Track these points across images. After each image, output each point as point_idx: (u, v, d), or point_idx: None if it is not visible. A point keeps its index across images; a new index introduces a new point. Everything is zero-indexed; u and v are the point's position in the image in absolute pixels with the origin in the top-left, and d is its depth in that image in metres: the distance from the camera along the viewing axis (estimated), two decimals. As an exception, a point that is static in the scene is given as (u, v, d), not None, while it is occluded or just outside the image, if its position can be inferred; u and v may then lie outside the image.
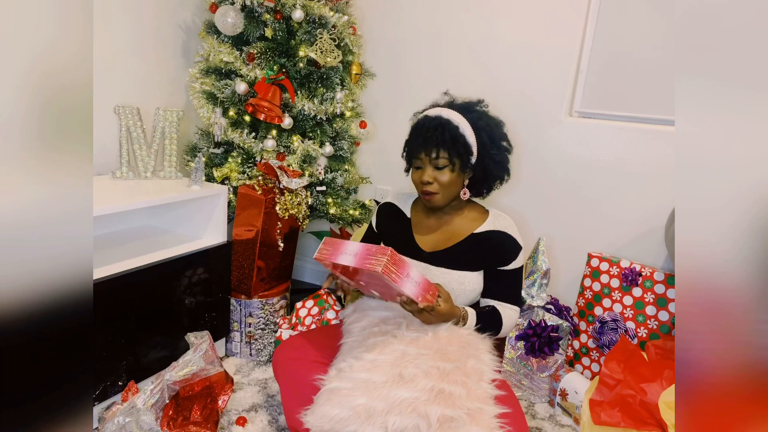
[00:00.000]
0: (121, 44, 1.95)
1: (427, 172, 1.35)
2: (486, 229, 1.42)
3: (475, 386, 1.17)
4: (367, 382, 1.15)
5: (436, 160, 1.34)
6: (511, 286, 1.43)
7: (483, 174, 1.41)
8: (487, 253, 1.40)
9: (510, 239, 1.41)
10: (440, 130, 1.32)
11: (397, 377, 1.15)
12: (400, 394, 1.11)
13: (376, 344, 1.25)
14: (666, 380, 1.44)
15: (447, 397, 1.11)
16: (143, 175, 1.85)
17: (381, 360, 1.20)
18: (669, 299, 1.74)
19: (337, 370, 1.22)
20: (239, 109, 1.98)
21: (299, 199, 1.94)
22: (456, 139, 1.33)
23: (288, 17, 1.92)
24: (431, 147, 1.33)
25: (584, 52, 2.05)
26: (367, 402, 1.11)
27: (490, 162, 1.39)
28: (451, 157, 1.33)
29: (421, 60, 2.34)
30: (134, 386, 1.40)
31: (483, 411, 1.12)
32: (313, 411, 1.15)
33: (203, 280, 1.77)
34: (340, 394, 1.14)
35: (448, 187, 1.36)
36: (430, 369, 1.16)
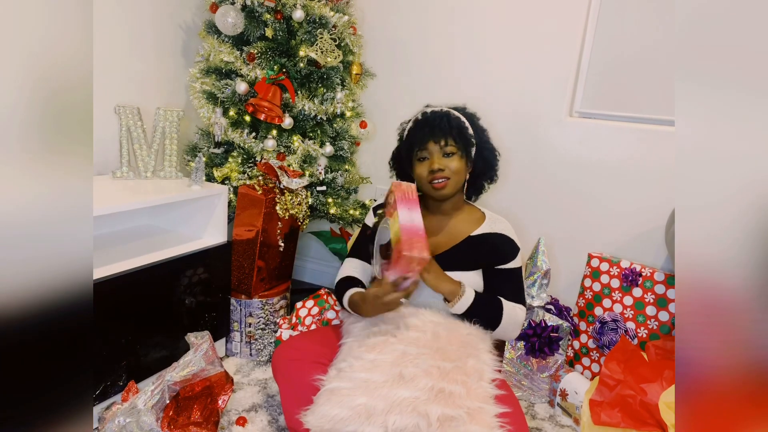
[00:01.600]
0: (121, 44, 1.95)
1: (436, 160, 1.35)
2: (483, 232, 1.43)
3: (475, 385, 1.17)
4: (368, 382, 1.15)
5: (445, 147, 1.35)
6: (512, 283, 1.42)
7: (483, 166, 1.44)
8: (485, 254, 1.41)
9: (507, 240, 1.42)
10: (446, 119, 1.36)
11: (398, 377, 1.15)
12: (400, 394, 1.11)
13: (376, 344, 1.24)
14: (666, 380, 1.44)
15: (447, 396, 1.12)
16: (143, 175, 1.85)
17: (381, 360, 1.20)
18: (669, 299, 1.74)
19: (337, 370, 1.22)
20: (239, 109, 1.98)
21: (299, 199, 1.94)
22: (461, 127, 1.37)
23: (288, 17, 1.92)
24: (440, 136, 1.35)
25: (585, 53, 2.05)
26: (368, 401, 1.11)
27: (489, 154, 1.44)
28: (459, 144, 1.36)
29: (421, 60, 2.34)
30: (134, 386, 1.40)
31: (483, 410, 1.13)
32: (313, 411, 1.15)
33: (203, 280, 1.77)
34: (340, 393, 1.14)
35: (457, 174, 1.37)
36: (430, 368, 1.16)
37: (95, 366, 1.44)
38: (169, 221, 2.00)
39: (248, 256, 1.87)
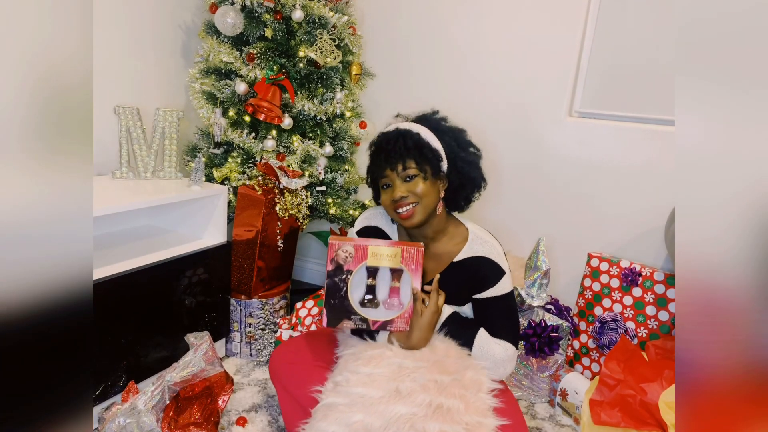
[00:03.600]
0: (120, 45, 1.95)
1: (397, 188, 1.22)
2: (464, 257, 1.29)
3: (474, 398, 1.14)
4: (364, 398, 1.12)
5: (405, 171, 1.21)
6: (498, 313, 1.27)
7: (459, 180, 1.28)
8: (466, 281, 1.28)
9: (487, 263, 1.27)
10: (401, 140, 1.22)
11: (394, 392, 1.12)
12: (397, 410, 1.08)
13: (373, 357, 1.21)
14: (666, 380, 1.44)
15: (445, 412, 1.09)
16: (143, 176, 1.85)
17: (378, 374, 1.17)
18: (669, 299, 1.74)
19: (334, 383, 1.20)
20: (239, 109, 1.98)
21: (299, 199, 1.94)
22: (420, 145, 1.22)
23: (288, 17, 1.92)
24: (396, 160, 1.22)
25: (584, 53, 2.05)
26: (364, 418, 1.08)
27: (464, 165, 1.28)
28: (420, 164, 1.22)
29: (421, 60, 2.34)
30: (134, 386, 1.40)
31: (482, 425, 1.10)
32: (311, 427, 1.13)
33: (203, 281, 1.77)
34: (337, 410, 1.11)
35: (425, 196, 1.22)
36: (427, 383, 1.13)
37: (95, 366, 1.44)
38: (169, 221, 2.00)
39: (248, 256, 1.87)
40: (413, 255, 1.21)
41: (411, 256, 1.21)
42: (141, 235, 1.89)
